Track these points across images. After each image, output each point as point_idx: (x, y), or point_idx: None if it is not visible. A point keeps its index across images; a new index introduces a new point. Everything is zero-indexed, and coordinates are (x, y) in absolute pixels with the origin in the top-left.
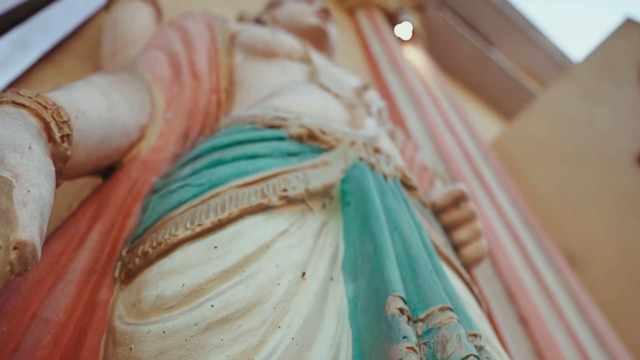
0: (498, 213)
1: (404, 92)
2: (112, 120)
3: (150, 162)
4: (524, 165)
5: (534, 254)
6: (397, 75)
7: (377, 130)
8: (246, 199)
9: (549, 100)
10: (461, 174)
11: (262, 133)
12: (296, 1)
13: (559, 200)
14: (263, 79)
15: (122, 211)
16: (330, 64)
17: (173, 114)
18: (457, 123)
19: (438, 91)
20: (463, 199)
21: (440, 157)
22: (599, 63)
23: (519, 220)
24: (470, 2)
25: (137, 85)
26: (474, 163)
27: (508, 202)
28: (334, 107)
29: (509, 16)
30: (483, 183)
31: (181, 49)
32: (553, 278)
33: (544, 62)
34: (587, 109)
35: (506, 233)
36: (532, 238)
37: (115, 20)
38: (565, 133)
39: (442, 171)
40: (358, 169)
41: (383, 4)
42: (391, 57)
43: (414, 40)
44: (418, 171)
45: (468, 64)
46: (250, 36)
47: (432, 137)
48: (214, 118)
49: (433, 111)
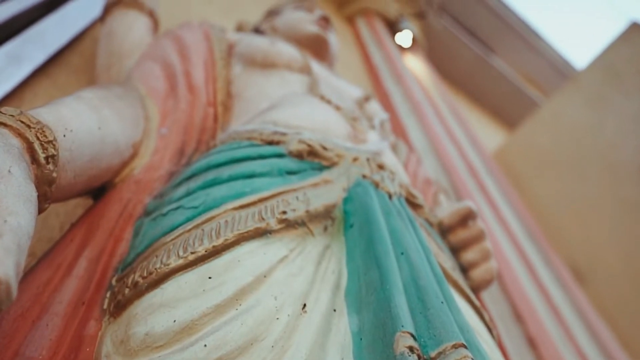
0: (503, 227)
1: (405, 102)
2: (103, 137)
3: (144, 182)
4: (527, 175)
5: (540, 270)
6: (398, 85)
7: (380, 144)
8: (243, 223)
9: (552, 109)
10: (465, 187)
11: (260, 150)
12: (295, 9)
13: (564, 211)
14: (261, 90)
15: (112, 235)
16: (330, 74)
17: (168, 129)
18: (460, 133)
19: (439, 100)
20: (471, 217)
21: (443, 169)
22: (603, 70)
23: (525, 234)
24: (470, 8)
25: (131, 100)
26: (477, 175)
27: (513, 216)
28: (335, 121)
29: (510, 22)
30: (487, 196)
31: (177, 61)
32: (561, 296)
33: (545, 69)
34: (592, 118)
35: (512, 248)
36: (539, 253)
37: (111, 32)
38: (569, 142)
39: (446, 184)
40: (361, 187)
41: (383, 11)
42: (392, 66)
43: (414, 47)
44: (422, 185)
45: (468, 71)
46: (248, 46)
47: (435, 149)
48: (210, 132)
49: (435, 121)
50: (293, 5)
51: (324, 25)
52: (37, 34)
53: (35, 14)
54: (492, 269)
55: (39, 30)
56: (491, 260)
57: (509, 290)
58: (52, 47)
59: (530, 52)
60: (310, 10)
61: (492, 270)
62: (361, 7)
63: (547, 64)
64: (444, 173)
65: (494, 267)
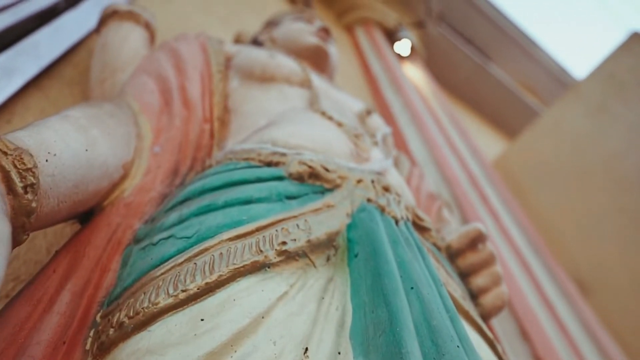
0: (506, 239)
1: (405, 112)
2: (90, 160)
3: (134, 205)
4: (527, 184)
5: (546, 287)
6: (397, 94)
7: (383, 162)
8: (239, 256)
9: (553, 118)
10: (466, 199)
11: (257, 172)
12: (295, 20)
13: (566, 221)
14: (260, 106)
15: (99, 265)
16: (331, 87)
17: (161, 147)
18: (460, 143)
19: (439, 109)
20: (480, 240)
21: (444, 180)
22: (605, 79)
23: (528, 247)
24: (468, 17)
25: (122, 118)
26: (479, 187)
27: (516, 228)
28: (338, 138)
29: (507, 31)
30: (489, 208)
31: (172, 74)
32: (567, 312)
33: (542, 77)
34: (594, 127)
35: (516, 262)
36: (543, 267)
37: (105, 45)
38: (571, 152)
39: (447, 195)
40: (366, 212)
41: (382, 20)
42: (391, 75)
43: (412, 56)
44: (425, 200)
45: (466, 79)
46: (246, 59)
47: (435, 159)
48: (206, 150)
49: (435, 131)
50: (292, 16)
51: (324, 36)
52: (31, 45)
53: (29, 25)
54: (503, 295)
55: (32, 42)
56: (502, 285)
57: (514, 307)
58: (46, 59)
59: (528, 60)
60: (310, 21)
61: (504, 295)
62: (360, 17)
63: (544, 72)
64: (445, 184)
65: (505, 292)
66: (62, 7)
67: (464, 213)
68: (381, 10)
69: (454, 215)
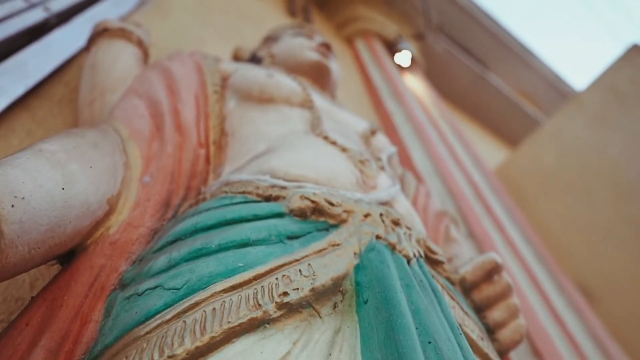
0: (513, 253)
1: (407, 123)
2: (67, 199)
3: (121, 243)
4: (530, 193)
5: (555, 299)
6: (399, 106)
7: (391, 190)
8: (234, 313)
9: (555, 128)
10: (472, 211)
11: (255, 208)
12: (294, 35)
13: (570, 230)
14: (258, 129)
15: (79, 316)
16: (333, 105)
17: (152, 177)
18: (463, 155)
19: (441, 120)
20: (496, 271)
21: (449, 192)
22: (606, 89)
23: (536, 261)
24: (467, 28)
25: (107, 147)
26: (484, 199)
27: (522, 240)
28: (342, 166)
29: (504, 41)
30: (495, 220)
31: (164, 97)
32: (577, 324)
33: (540, 85)
34: (596, 137)
35: (524, 276)
36: (551, 280)
37: (95, 64)
38: (574, 161)
39: (451, 208)
40: (376, 252)
41: (382, 32)
42: (392, 87)
43: (412, 67)
44: (433, 220)
45: (465, 89)
46: (243, 79)
47: (439, 172)
48: (202, 177)
49: (438, 142)
50: (292, 31)
51: (325, 52)
52: (17, 64)
53: (18, 42)
54: (521, 328)
55: (19, 60)
56: (519, 318)
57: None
58: (34, 78)
59: (525, 69)
60: (310, 36)
61: (522, 329)
62: (360, 29)
63: (541, 81)
64: (450, 197)
65: (523, 325)
66: (53, 24)
67: (470, 226)
68: (381, 21)
69: (460, 230)
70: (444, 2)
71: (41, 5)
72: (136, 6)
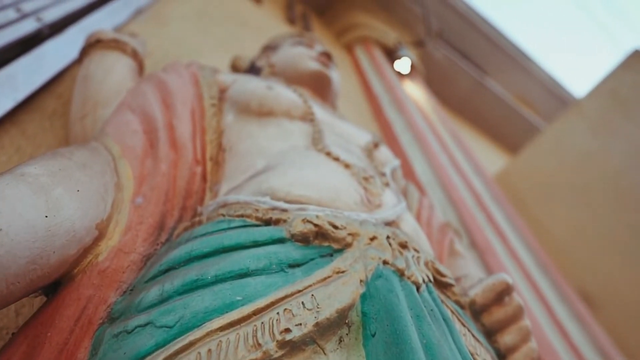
0: (516, 262)
1: (407, 131)
2: (51, 228)
3: (110, 272)
4: (530, 200)
5: (558, 310)
6: (399, 113)
7: (397, 208)
8: (232, 354)
9: (555, 134)
10: (473, 221)
11: (255, 234)
12: (294, 44)
13: (571, 237)
14: (257, 144)
15: (63, 354)
16: (334, 117)
17: (144, 198)
18: (464, 163)
19: (441, 127)
20: (507, 293)
21: (450, 202)
22: (607, 96)
23: (539, 270)
24: (465, 34)
25: (97, 167)
26: (485, 208)
27: (524, 250)
28: (346, 184)
29: (502, 46)
30: (497, 229)
31: (159, 111)
32: (580, 334)
33: (538, 90)
34: (598, 143)
35: (526, 286)
36: (554, 289)
37: (87, 77)
38: (575, 168)
39: (453, 217)
40: (383, 279)
41: (382, 39)
42: (392, 94)
43: (412, 74)
44: (437, 234)
45: (465, 95)
46: (241, 91)
47: (440, 181)
48: (198, 196)
49: (439, 151)
50: (292, 40)
51: (325, 61)
52: (6, 77)
53: (9, 54)
54: (533, 352)
55: (8, 73)
56: (531, 342)
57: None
58: (24, 91)
59: (524, 74)
60: (310, 45)
61: (534, 353)
62: (359, 36)
63: (540, 86)
64: (451, 206)
65: (535, 349)
66: (46, 34)
67: (472, 236)
68: (380, 29)
69: (463, 241)
70: (442, 8)
71: (34, 15)
72: (132, 15)
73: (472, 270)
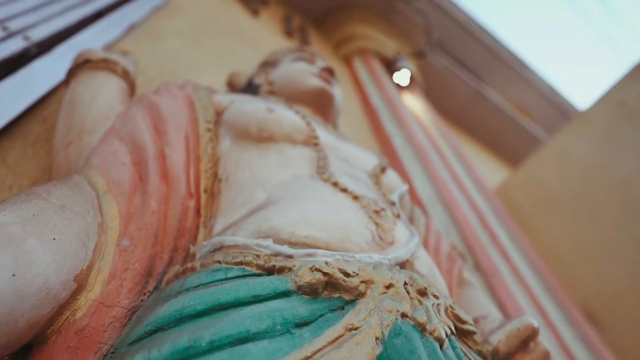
0: (522, 285)
1: (407, 146)
2: (19, 288)
3: (89, 330)
4: (531, 213)
5: (565, 333)
6: (399, 128)
7: (411, 245)
8: None
9: (559, 146)
10: (477, 240)
11: (256, 286)
12: (294, 60)
13: (575, 252)
14: (256, 174)
15: None
16: (338, 139)
17: (131, 240)
18: (466, 179)
19: (442, 142)
20: (532, 338)
21: (452, 220)
22: (614, 106)
23: (543, 291)
24: (464, 44)
25: (78, 207)
26: (489, 226)
27: (531, 272)
28: (356, 220)
29: (501, 55)
30: (501, 250)
31: (150, 139)
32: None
33: (537, 100)
34: (604, 154)
35: (533, 309)
36: (559, 310)
37: (73, 101)
38: (580, 180)
39: (455, 236)
40: (403, 337)
41: (381, 51)
42: (392, 108)
43: (411, 86)
44: (446, 263)
45: (464, 105)
46: (239, 114)
47: (442, 198)
48: (191, 233)
49: (440, 166)
50: (292, 56)
51: (328, 77)
52: None
53: None
54: None
55: None
56: None
57: None
58: (7, 115)
59: (524, 84)
60: (312, 60)
61: None
62: (358, 47)
63: (540, 97)
64: (453, 225)
65: None
66: (34, 53)
67: (475, 257)
68: (379, 39)
69: (468, 264)
70: (440, 17)
71: (20, 33)
72: (125, 32)
73: (488, 307)
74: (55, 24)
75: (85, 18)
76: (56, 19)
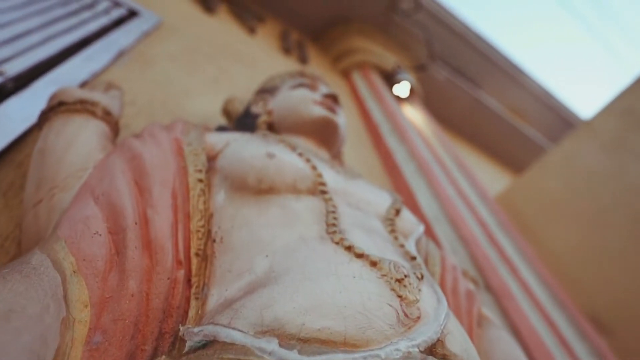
0: (536, 307)
1: (410, 161)
2: None
3: None
4: (535, 222)
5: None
6: (401, 142)
7: (440, 318)
8: None
9: (564, 154)
10: (485, 258)
11: None
12: (295, 87)
13: (582, 262)
14: (255, 235)
15: None
16: (346, 179)
17: (105, 335)
18: (471, 192)
19: (444, 155)
20: None
21: (459, 238)
22: (621, 113)
23: (564, 319)
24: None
25: (33, 308)
26: (497, 243)
27: (541, 289)
28: (376, 296)
29: (497, 62)
30: (511, 267)
31: (129, 200)
32: None
33: (536, 107)
34: (610, 163)
35: (541, 322)
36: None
37: (44, 150)
38: (586, 189)
39: (463, 255)
40: None
41: (380, 64)
42: (393, 121)
43: (411, 97)
44: (465, 303)
45: (463, 114)
46: (235, 161)
47: (447, 214)
48: (180, 312)
49: (444, 181)
50: (292, 82)
51: (332, 105)
52: None
53: None
54: None
55: None
56: None
57: None
58: None
59: (522, 91)
60: (314, 86)
61: None
62: (357, 61)
63: (538, 102)
64: (460, 242)
65: None
66: (10, 89)
67: (485, 277)
68: (378, 52)
69: (480, 287)
70: (439, 29)
71: None
72: (114, 59)
73: (513, 352)
74: (35, 56)
75: (70, 46)
76: (35, 50)
